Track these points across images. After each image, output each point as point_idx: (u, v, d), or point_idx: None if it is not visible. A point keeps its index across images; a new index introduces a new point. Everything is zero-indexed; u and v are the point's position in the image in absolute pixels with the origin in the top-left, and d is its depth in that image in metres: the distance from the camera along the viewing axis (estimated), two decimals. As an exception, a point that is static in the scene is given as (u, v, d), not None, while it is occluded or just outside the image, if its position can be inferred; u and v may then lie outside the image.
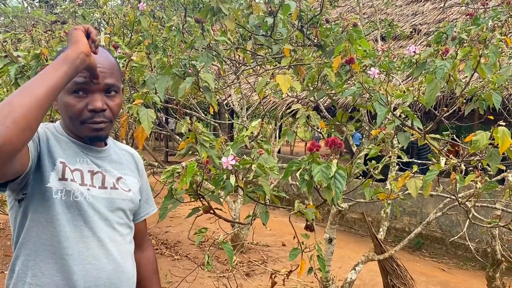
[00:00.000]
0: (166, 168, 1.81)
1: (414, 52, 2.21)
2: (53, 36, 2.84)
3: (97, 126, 1.22)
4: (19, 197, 1.18)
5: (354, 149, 3.88)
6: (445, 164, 1.84)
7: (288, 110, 2.59)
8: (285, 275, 2.39)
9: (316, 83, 2.50)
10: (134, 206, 1.37)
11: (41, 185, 1.16)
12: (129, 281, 1.29)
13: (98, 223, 1.23)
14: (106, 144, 1.36)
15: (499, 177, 3.15)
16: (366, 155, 2.25)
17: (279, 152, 10.99)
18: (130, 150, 1.48)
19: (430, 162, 2.06)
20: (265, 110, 7.95)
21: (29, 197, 1.17)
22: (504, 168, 1.94)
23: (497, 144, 1.73)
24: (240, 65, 3.67)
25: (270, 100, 7.90)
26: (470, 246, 4.10)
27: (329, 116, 3.85)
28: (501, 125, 1.67)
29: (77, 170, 1.22)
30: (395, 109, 2.33)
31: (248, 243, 6.01)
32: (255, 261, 5.50)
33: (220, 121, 6.65)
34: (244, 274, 4.97)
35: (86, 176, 1.23)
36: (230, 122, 8.90)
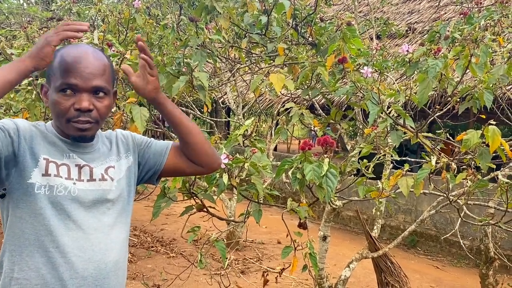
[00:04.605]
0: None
1: (408, 51, 2.23)
2: (48, 34, 2.83)
3: (82, 126, 1.23)
4: (0, 192, 1.21)
5: (349, 147, 3.89)
6: (436, 162, 1.86)
7: (283, 109, 2.61)
8: (278, 273, 2.41)
9: (310, 81, 2.51)
10: (122, 191, 1.35)
11: (23, 181, 1.18)
12: (117, 271, 1.29)
13: (83, 215, 1.23)
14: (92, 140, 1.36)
15: (492, 175, 3.17)
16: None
17: (275, 149, 11.01)
18: (110, 133, 1.45)
19: (423, 160, 2.08)
20: (261, 108, 7.97)
21: (9, 193, 1.20)
22: (494, 166, 1.96)
23: (488, 143, 1.75)
24: (235, 63, 3.68)
25: (266, 98, 7.91)
26: (463, 244, 4.12)
27: (324, 114, 3.86)
28: (492, 124, 1.69)
29: (64, 164, 1.24)
30: (389, 107, 2.35)
31: (243, 241, 6.02)
32: (250, 258, 5.52)
33: (216, 119, 6.66)
34: (239, 272, 4.99)
35: (73, 170, 1.25)
36: (226, 120, 8.91)
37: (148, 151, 1.43)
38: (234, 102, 6.18)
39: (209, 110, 2.83)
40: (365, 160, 2.19)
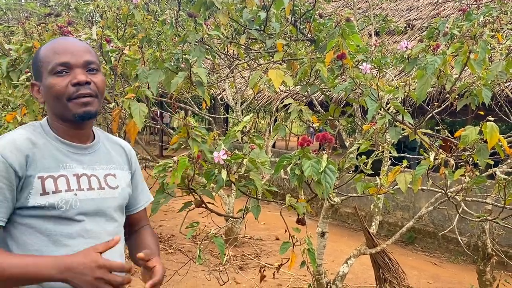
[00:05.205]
0: (159, 162, 1.82)
1: (406, 47, 2.22)
2: (46, 29, 2.82)
3: (85, 100, 1.22)
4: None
5: (347, 143, 3.89)
6: (435, 159, 1.86)
7: (281, 105, 2.62)
8: (276, 268, 2.41)
9: (308, 78, 2.51)
10: (124, 201, 1.37)
11: (22, 206, 1.17)
12: None
13: (85, 225, 1.22)
14: (94, 138, 1.35)
15: (490, 172, 3.18)
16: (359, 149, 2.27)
17: (273, 146, 11.01)
18: (122, 142, 1.47)
19: (422, 157, 2.08)
20: (260, 104, 7.96)
21: (12, 218, 1.18)
22: (492, 163, 1.96)
23: (487, 139, 1.76)
24: (234, 59, 3.67)
25: (265, 95, 7.91)
26: (460, 240, 4.14)
27: (323, 110, 3.86)
28: (490, 121, 1.69)
29: (61, 176, 1.21)
30: (387, 104, 2.34)
31: (242, 237, 6.03)
32: (248, 254, 5.53)
33: (214, 116, 6.66)
34: (238, 268, 5.00)
35: (71, 180, 1.22)
36: (225, 116, 8.90)
37: (135, 191, 1.46)
38: (233, 99, 6.18)
39: (207, 107, 2.83)
40: (363, 157, 2.19)
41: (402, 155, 3.48)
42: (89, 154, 1.30)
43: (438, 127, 2.73)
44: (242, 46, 2.97)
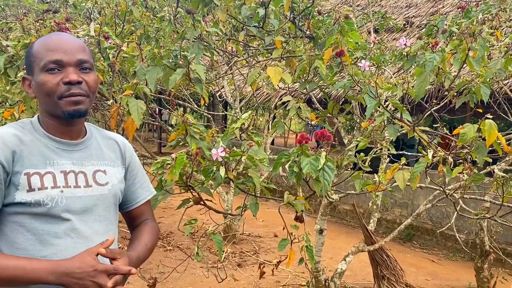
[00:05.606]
0: (157, 159, 1.82)
1: (405, 44, 2.22)
2: (44, 26, 2.81)
3: (75, 98, 1.21)
4: None
5: (346, 141, 3.89)
6: (433, 156, 1.86)
7: (280, 102, 2.62)
8: (274, 265, 2.41)
9: (307, 75, 2.50)
10: (115, 198, 1.34)
11: (9, 202, 1.16)
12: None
13: (72, 224, 1.21)
14: (86, 134, 1.33)
15: (488, 169, 3.18)
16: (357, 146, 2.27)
17: (272, 143, 11.02)
18: (116, 137, 1.45)
19: (420, 154, 2.08)
20: (259, 101, 7.95)
21: (2, 215, 1.19)
22: (490, 160, 1.97)
23: (485, 137, 1.76)
24: (233, 56, 3.66)
25: (264, 92, 7.90)
26: (458, 237, 4.15)
27: (321, 108, 3.85)
28: (488, 118, 1.69)
29: (48, 173, 1.20)
30: (386, 101, 2.34)
31: (240, 234, 6.03)
32: (247, 251, 5.53)
33: (213, 113, 6.66)
34: (236, 265, 5.00)
35: (58, 177, 1.21)
36: (223, 113, 8.89)
37: (132, 186, 1.44)
38: (231, 96, 6.17)
39: (206, 104, 2.83)
40: (362, 154, 2.19)
41: (400, 152, 3.48)
42: (79, 151, 1.29)
43: (437, 125, 2.73)
44: (241, 43, 2.96)
